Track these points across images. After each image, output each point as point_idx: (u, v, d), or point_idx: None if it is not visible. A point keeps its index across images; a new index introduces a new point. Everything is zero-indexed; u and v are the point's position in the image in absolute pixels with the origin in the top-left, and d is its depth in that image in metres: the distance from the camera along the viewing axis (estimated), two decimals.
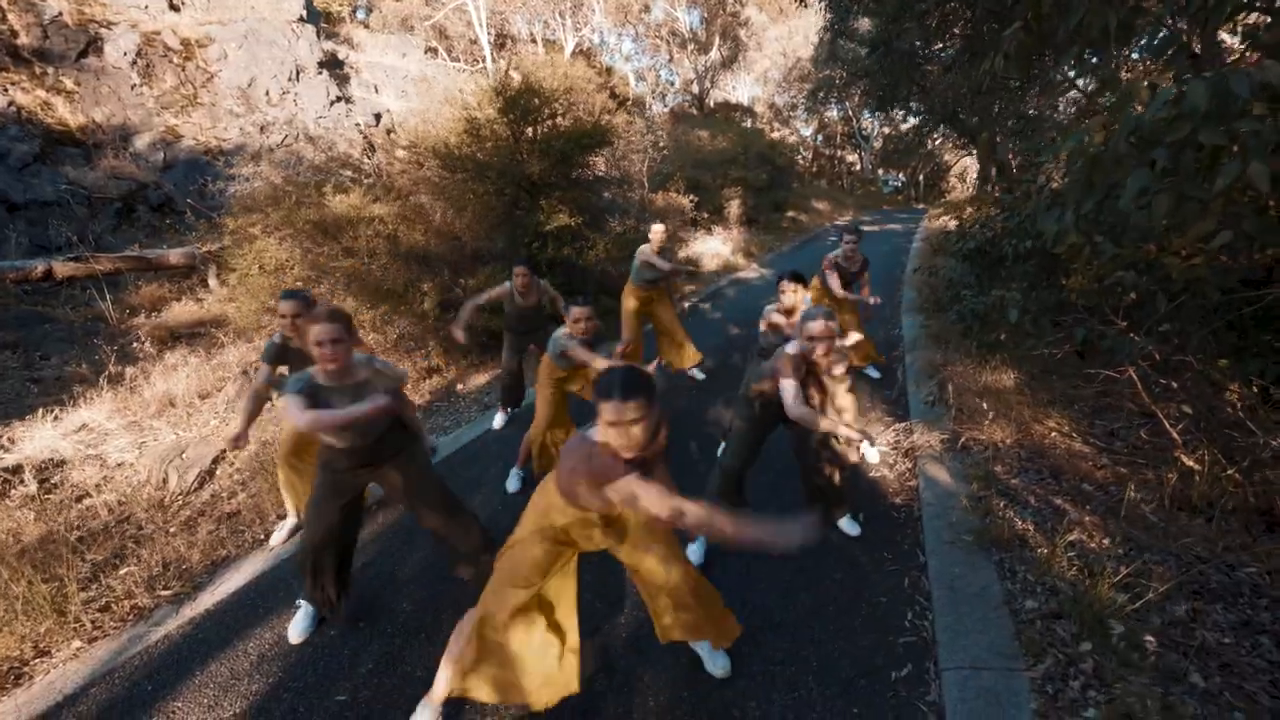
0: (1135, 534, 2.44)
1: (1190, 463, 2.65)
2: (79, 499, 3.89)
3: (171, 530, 3.43)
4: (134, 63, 12.28)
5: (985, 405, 3.78)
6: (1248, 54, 2.31)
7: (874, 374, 4.97)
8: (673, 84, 28.04)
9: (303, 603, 2.51)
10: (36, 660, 2.43)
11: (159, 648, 2.46)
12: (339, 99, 14.53)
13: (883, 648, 2.21)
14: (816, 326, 2.38)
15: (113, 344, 6.19)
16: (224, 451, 4.27)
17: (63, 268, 6.96)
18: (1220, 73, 1.34)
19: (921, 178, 35.02)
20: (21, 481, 3.95)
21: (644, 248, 4.70)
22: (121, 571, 3.03)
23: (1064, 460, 3.21)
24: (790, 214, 19.18)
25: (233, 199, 9.66)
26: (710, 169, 15.03)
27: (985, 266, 4.41)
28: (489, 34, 22.07)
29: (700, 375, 5.14)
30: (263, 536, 3.30)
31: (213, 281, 7.90)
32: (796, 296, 3.06)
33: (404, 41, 19.11)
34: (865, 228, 18.15)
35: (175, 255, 7.71)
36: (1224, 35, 3.94)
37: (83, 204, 9.91)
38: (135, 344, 6.03)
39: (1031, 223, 3.38)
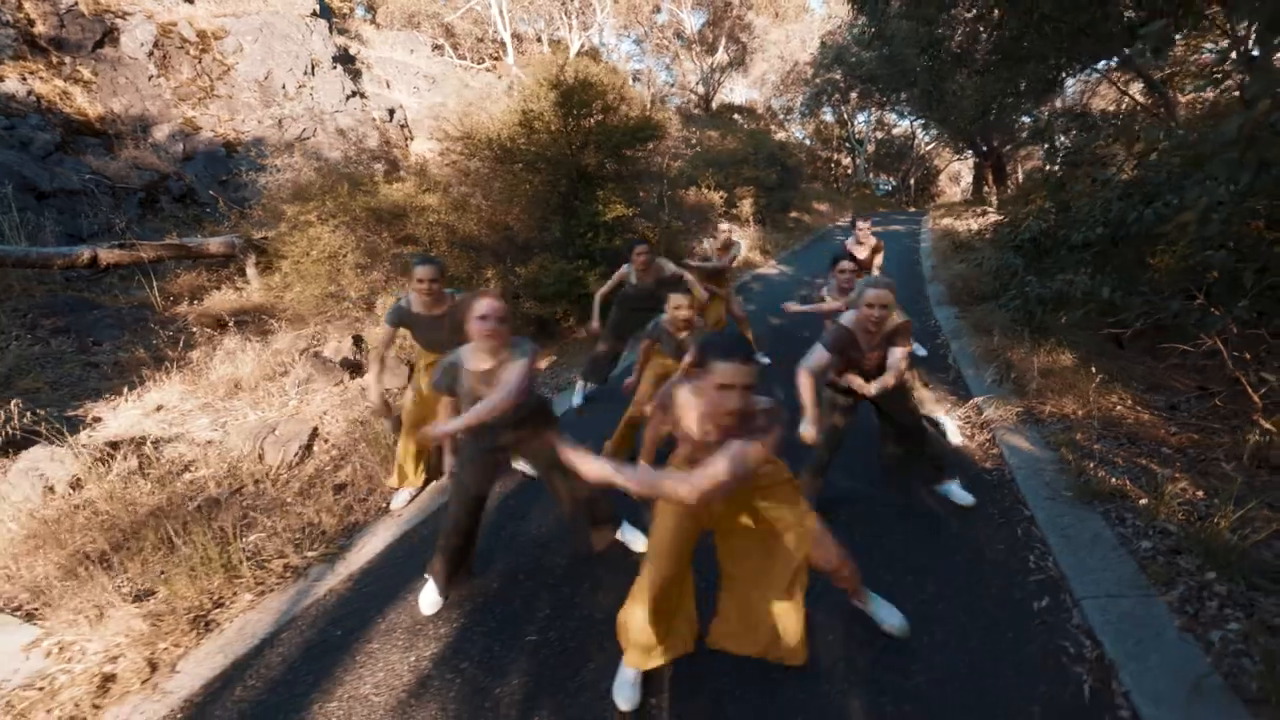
0: (1227, 487, 2.69)
1: (1268, 425, 2.92)
2: (179, 472, 3.98)
3: (288, 500, 3.55)
4: (150, 54, 12.20)
5: (1050, 383, 4.05)
6: None
7: (921, 351, 5.24)
8: (671, 85, 28.35)
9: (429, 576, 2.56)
10: (215, 610, 2.56)
11: (330, 599, 2.60)
12: (354, 93, 14.54)
13: (1017, 585, 2.43)
14: (877, 294, 2.48)
15: (166, 330, 6.24)
16: (316, 429, 4.39)
17: (108, 254, 6.96)
18: None
19: (913, 181, 35.65)
20: (124, 457, 4.03)
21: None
22: (252, 537, 3.15)
23: (1137, 428, 3.48)
24: (794, 214, 19.54)
25: (265, 189, 9.73)
26: (723, 168, 15.30)
27: (1034, 257, 4.69)
28: (494, 32, 22.15)
29: (765, 359, 5.35)
30: (383, 505, 3.43)
31: (250, 270, 7.93)
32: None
33: (411, 38, 19.13)
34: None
35: (215, 244, 7.73)
36: None
37: (107, 194, 9.86)
38: (187, 330, 6.09)
39: (1105, 210, 3.65)
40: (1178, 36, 4.44)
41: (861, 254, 4.81)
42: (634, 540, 2.73)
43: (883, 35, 7.91)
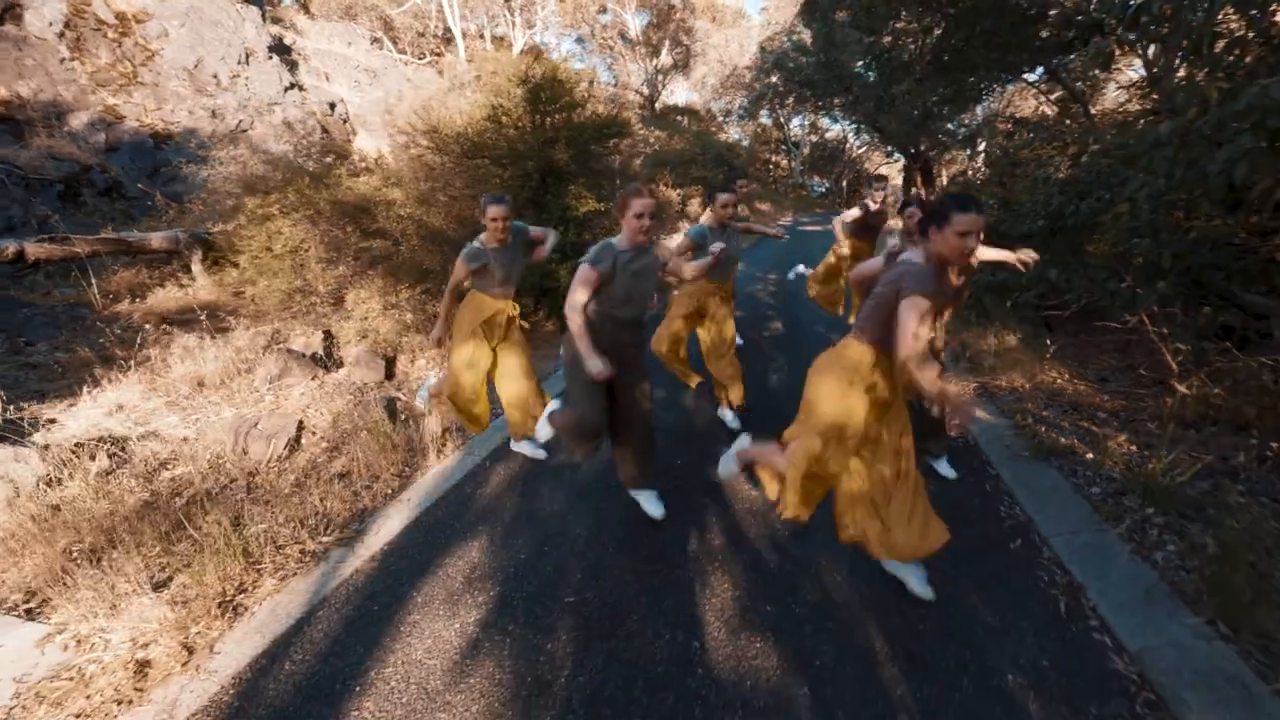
0: (1156, 440, 3.15)
1: (1183, 389, 3.41)
2: (154, 471, 3.84)
3: (285, 491, 3.50)
4: (62, 34, 11.30)
5: (1000, 361, 4.51)
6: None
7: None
8: (613, 85, 28.56)
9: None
10: (239, 595, 2.54)
11: (358, 579, 2.64)
12: (293, 85, 13.93)
13: (994, 530, 2.77)
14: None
15: (111, 328, 5.89)
16: (302, 422, 4.30)
17: (36, 249, 6.47)
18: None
19: (845, 183, 37.31)
20: (91, 456, 3.84)
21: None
22: (256, 527, 3.11)
23: (1076, 398, 3.95)
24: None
25: (206, 183, 9.23)
26: (672, 168, 15.63)
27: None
28: (435, 27, 21.68)
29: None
30: (390, 491, 3.45)
31: (196, 267, 7.54)
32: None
33: (348, 30, 18.48)
34: (809, 228, 19.45)
35: (157, 239, 7.31)
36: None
37: (19, 185, 9.09)
38: (134, 329, 5.79)
39: (1045, 205, 4.13)
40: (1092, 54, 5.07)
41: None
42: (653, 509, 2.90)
43: (833, 42, 8.38)
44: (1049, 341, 4.23)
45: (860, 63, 15.85)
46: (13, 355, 5.66)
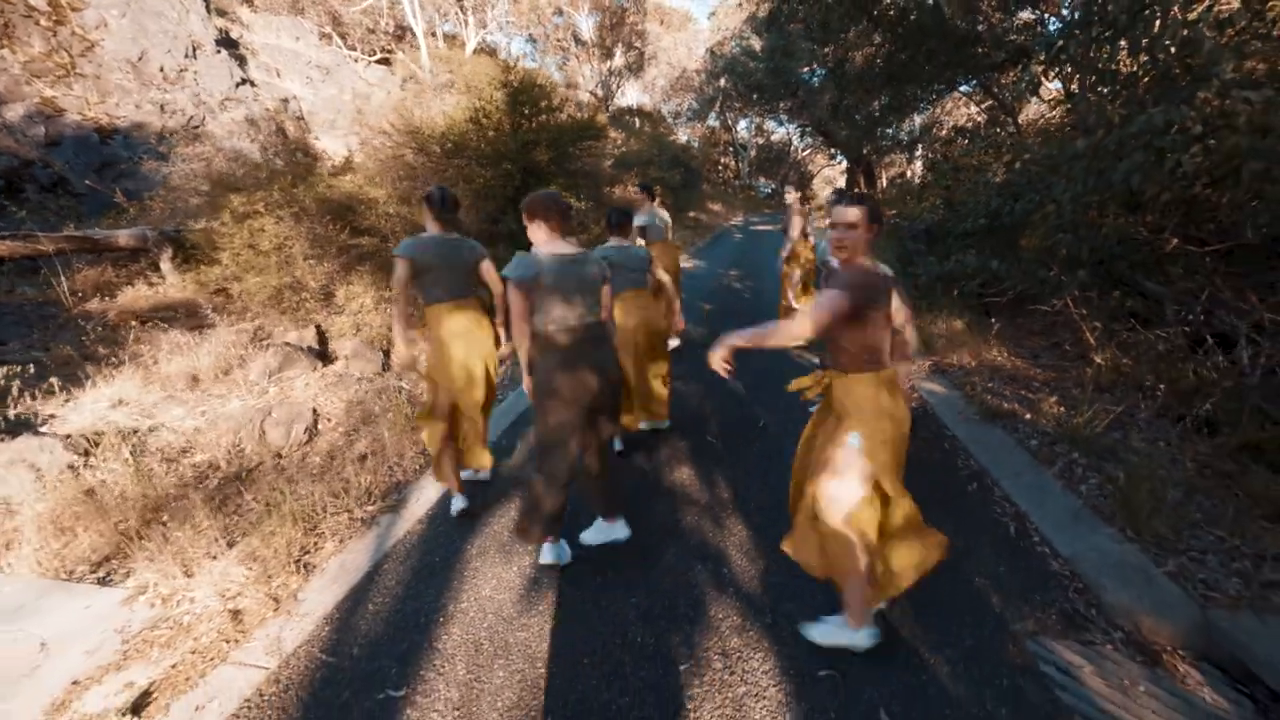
0: (1077, 402, 3.79)
1: (1099, 359, 4.09)
2: (175, 458, 3.97)
3: (315, 471, 3.72)
4: None
5: (949, 343, 5.15)
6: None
7: None
8: (564, 86, 28.77)
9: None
10: (305, 557, 2.79)
11: (412, 538, 2.93)
12: (244, 81, 13.56)
13: (953, 480, 3.32)
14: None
15: (88, 326, 5.83)
16: (316, 409, 4.48)
17: None
18: (1169, 106, 2.56)
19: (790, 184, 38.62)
20: (107, 447, 3.93)
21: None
22: (306, 499, 3.33)
23: (1013, 372, 4.60)
24: (692, 215, 20.80)
25: (165, 179, 9.02)
26: (628, 168, 16.04)
27: (928, 243, 5.85)
28: (385, 24, 21.35)
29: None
30: (418, 466, 3.72)
31: (166, 265, 7.42)
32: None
33: (296, 25, 18.02)
34: (759, 228, 20.29)
35: (124, 236, 7.16)
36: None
37: None
38: (116, 327, 5.77)
39: (986, 205, 4.78)
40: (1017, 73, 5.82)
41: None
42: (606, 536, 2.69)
43: (788, 52, 9.02)
44: (991, 324, 4.88)
45: (806, 68, 16.78)
46: None
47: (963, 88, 7.43)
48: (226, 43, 14.43)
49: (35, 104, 10.53)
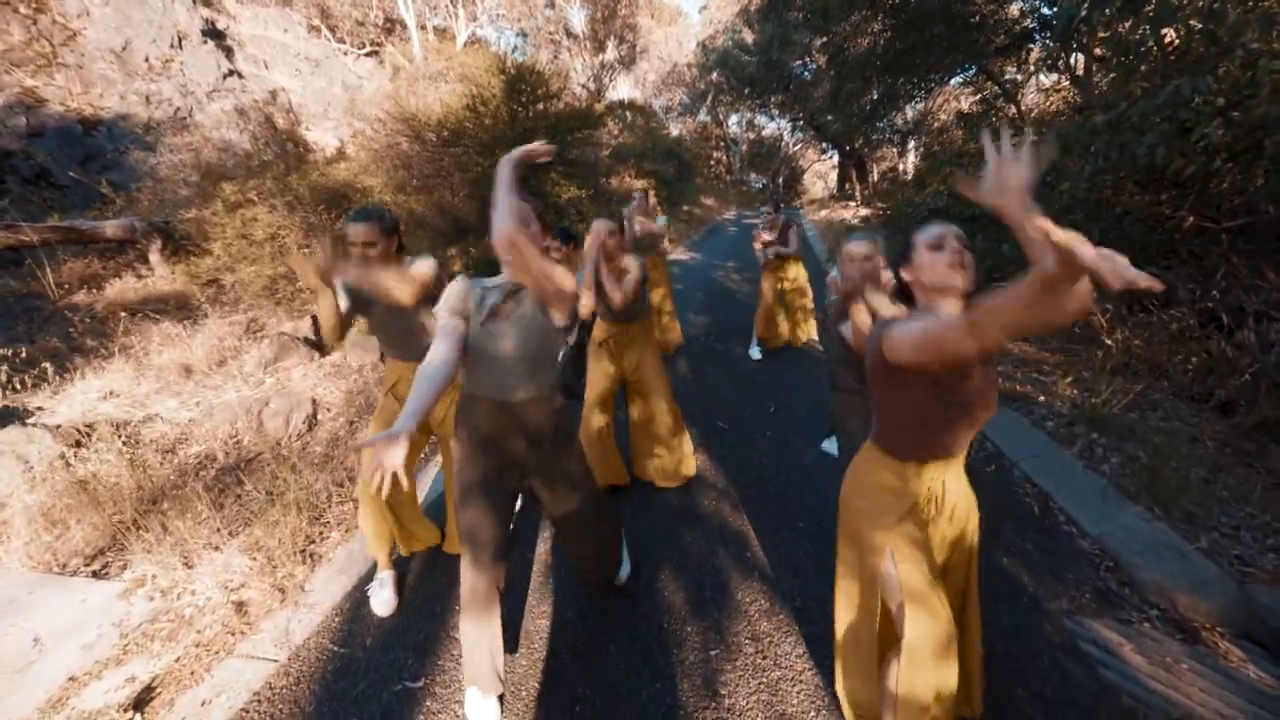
0: (1091, 385, 3.75)
1: (1110, 342, 4.05)
2: (166, 451, 3.84)
3: (317, 460, 3.61)
4: None
5: None
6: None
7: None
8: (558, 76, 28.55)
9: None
10: (310, 546, 2.69)
11: None
12: (232, 72, 13.31)
13: (972, 460, 3.26)
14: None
15: (74, 317, 5.67)
16: (315, 399, 4.36)
17: None
18: (1194, 77, 2.52)
19: (781, 179, 38.72)
20: (100, 438, 3.80)
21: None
22: (307, 487, 3.22)
23: (1024, 355, 4.56)
24: (686, 208, 20.74)
25: (150, 170, 8.82)
26: (623, 161, 15.94)
27: None
28: (375, 16, 21.10)
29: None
30: (422, 456, 3.61)
31: (155, 256, 7.24)
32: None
33: (284, 17, 17.73)
34: (752, 221, 20.23)
35: (111, 227, 6.97)
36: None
37: None
38: (105, 319, 5.62)
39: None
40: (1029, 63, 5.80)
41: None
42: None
43: (787, 41, 8.96)
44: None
45: (799, 61, 16.71)
46: None
47: (960, 77, 7.39)
48: (213, 33, 14.16)
49: (16, 94, 10.26)
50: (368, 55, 19.90)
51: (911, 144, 18.89)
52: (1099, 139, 3.10)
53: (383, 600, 2.26)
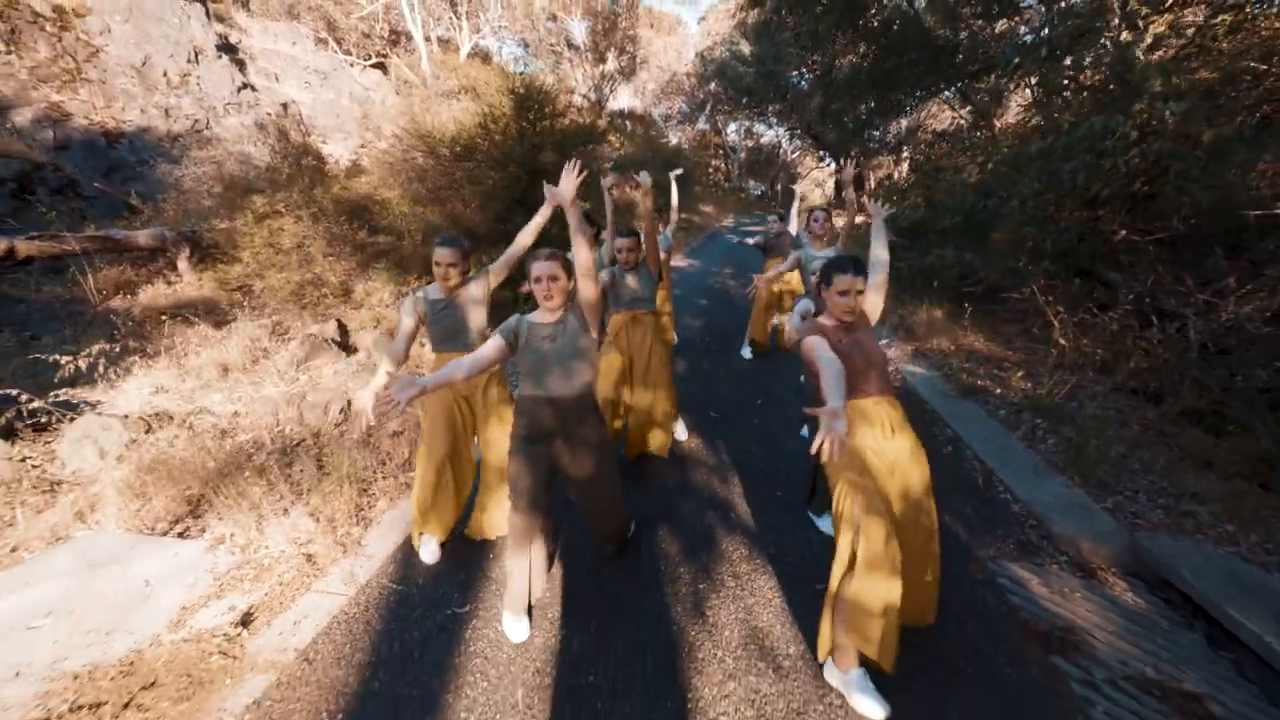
0: (1043, 377, 4.23)
1: (1062, 341, 4.54)
2: (222, 435, 4.30)
3: (349, 447, 4.07)
4: None
5: (930, 329, 5.60)
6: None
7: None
8: (563, 94, 29.15)
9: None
10: (360, 512, 3.16)
11: None
12: (245, 85, 13.82)
13: (932, 443, 3.74)
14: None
15: (117, 321, 6.13)
16: (346, 393, 4.83)
17: (27, 246, 6.56)
18: (1108, 115, 3.00)
19: (779, 187, 39.28)
20: (163, 424, 4.26)
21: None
22: (354, 465, 3.68)
23: (987, 354, 5.05)
24: (684, 216, 21.24)
25: (176, 181, 9.29)
26: (622, 171, 16.44)
27: (911, 239, 6.31)
28: (380, 28, 21.63)
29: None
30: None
31: (183, 264, 7.71)
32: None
33: (292, 30, 18.28)
34: (750, 228, 20.74)
35: (144, 236, 7.45)
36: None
37: None
38: (142, 323, 6.10)
39: (961, 203, 5.23)
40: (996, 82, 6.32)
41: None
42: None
43: (779, 58, 9.49)
44: (967, 312, 5.33)
45: (795, 72, 17.29)
46: (21, 350, 5.81)
47: (944, 94, 7.93)
48: (226, 48, 14.68)
49: (43, 108, 10.76)
50: (373, 66, 20.43)
51: (906, 152, 19.44)
52: (1034, 164, 3.60)
53: (430, 551, 2.73)
